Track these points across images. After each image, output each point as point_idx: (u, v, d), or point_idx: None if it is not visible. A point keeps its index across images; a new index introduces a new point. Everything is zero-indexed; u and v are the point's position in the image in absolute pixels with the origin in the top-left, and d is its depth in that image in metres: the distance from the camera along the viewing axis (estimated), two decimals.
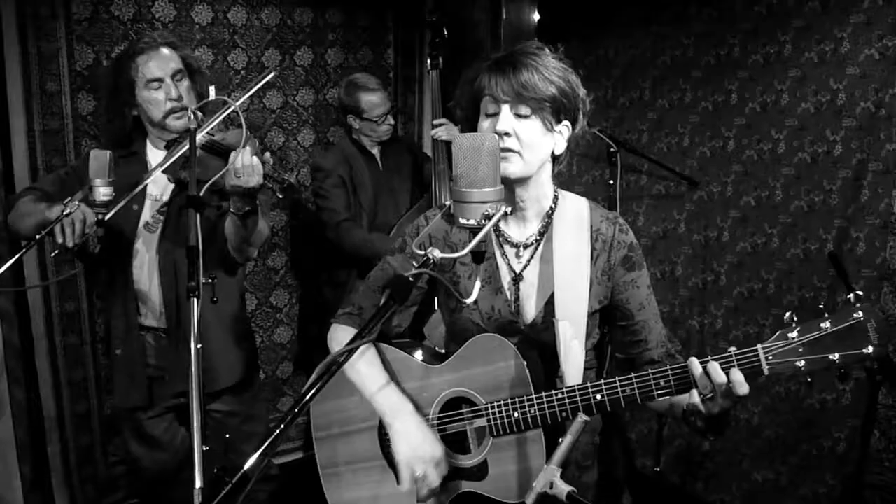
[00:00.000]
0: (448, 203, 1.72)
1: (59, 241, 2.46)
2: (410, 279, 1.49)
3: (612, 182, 3.71)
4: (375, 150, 3.97)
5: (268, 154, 2.55)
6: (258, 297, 4.24)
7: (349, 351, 1.38)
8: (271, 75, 2.74)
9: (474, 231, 1.57)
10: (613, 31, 4.18)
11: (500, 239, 1.98)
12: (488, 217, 1.56)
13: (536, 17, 4.65)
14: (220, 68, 3.87)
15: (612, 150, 3.70)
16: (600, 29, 4.22)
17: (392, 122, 3.90)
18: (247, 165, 2.48)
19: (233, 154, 2.50)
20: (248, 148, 2.50)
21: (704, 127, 3.83)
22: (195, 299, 2.05)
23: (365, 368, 2.01)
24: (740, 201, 3.71)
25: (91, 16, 3.53)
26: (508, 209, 1.59)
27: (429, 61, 3.94)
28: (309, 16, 4.14)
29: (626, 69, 4.14)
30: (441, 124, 3.85)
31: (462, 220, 1.58)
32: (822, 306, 1.62)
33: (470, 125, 1.91)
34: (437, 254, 1.53)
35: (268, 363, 4.29)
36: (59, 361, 3.64)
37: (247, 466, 1.19)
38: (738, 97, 3.67)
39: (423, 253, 1.54)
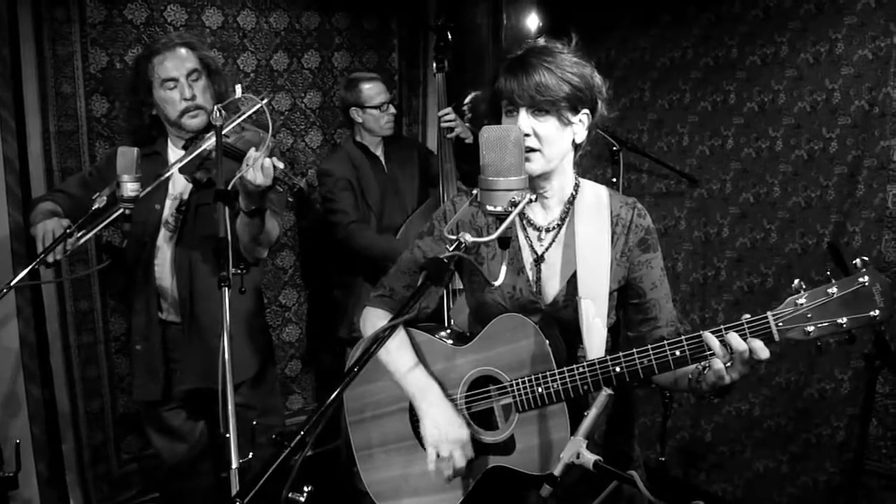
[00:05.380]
0: (475, 191, 1.80)
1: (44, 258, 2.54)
2: (446, 260, 1.58)
3: (614, 180, 3.80)
4: (379, 152, 4.04)
5: (275, 159, 2.56)
6: (267, 295, 4.31)
7: (392, 327, 1.47)
8: (259, 104, 2.78)
9: (500, 217, 1.67)
10: (614, 34, 4.28)
11: (524, 222, 2.07)
12: (514, 204, 1.65)
13: (537, 22, 4.75)
14: (230, 71, 3.94)
15: (614, 148, 3.79)
16: (601, 33, 4.32)
17: (394, 112, 3.98)
18: (258, 162, 2.52)
19: (250, 150, 2.56)
20: (263, 148, 2.57)
21: (703, 126, 3.94)
22: (226, 289, 2.13)
23: (395, 350, 2.10)
24: (739, 198, 3.81)
25: (105, 20, 3.59)
26: (533, 197, 1.68)
27: (434, 65, 4.01)
28: (316, 20, 4.23)
29: (626, 71, 4.24)
30: (447, 114, 3.92)
31: (489, 208, 1.67)
32: (828, 273, 1.71)
33: (495, 122, 1.99)
34: (468, 237, 1.62)
35: (276, 361, 4.34)
36: (73, 360, 3.69)
37: (303, 432, 1.27)
38: (737, 97, 3.78)
39: (455, 237, 1.63)
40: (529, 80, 1.87)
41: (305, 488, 1.28)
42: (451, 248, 1.61)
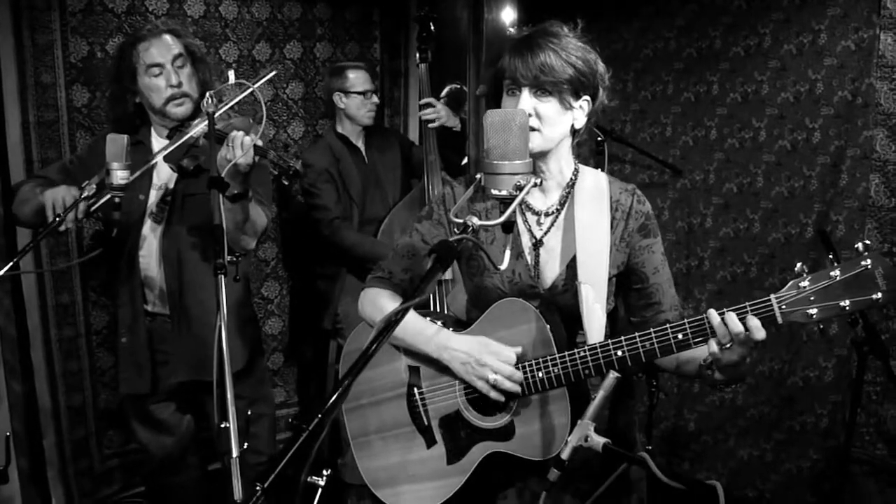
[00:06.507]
0: (478, 175, 1.79)
1: (57, 226, 2.50)
2: (455, 244, 1.56)
3: (599, 170, 3.80)
4: (360, 143, 4.02)
5: (256, 136, 2.52)
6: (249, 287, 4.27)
7: (404, 310, 1.46)
8: (272, 74, 2.76)
9: (504, 201, 1.66)
10: (596, 26, 4.28)
11: (522, 206, 2.07)
12: (519, 188, 1.64)
13: (514, 15, 4.74)
14: (211, 61, 3.87)
15: (599, 139, 3.81)
16: (583, 24, 4.31)
17: (377, 101, 3.97)
18: (237, 141, 2.49)
19: (232, 132, 2.52)
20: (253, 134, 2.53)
21: (687, 117, 3.96)
22: (222, 277, 2.10)
23: (412, 319, 2.07)
24: (722, 188, 3.84)
25: (85, 8, 3.55)
26: (538, 181, 1.68)
27: (418, 55, 4.00)
28: (298, 10, 4.20)
29: (609, 62, 4.20)
30: (428, 104, 3.91)
31: (494, 192, 1.65)
32: (830, 257, 1.73)
33: (495, 103, 1.99)
34: (475, 220, 1.60)
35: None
36: (54, 353, 3.64)
37: (321, 414, 1.25)
38: (720, 88, 3.81)
39: (461, 220, 1.62)
40: (534, 60, 1.88)
41: (325, 471, 1.26)
42: (458, 232, 1.60)
